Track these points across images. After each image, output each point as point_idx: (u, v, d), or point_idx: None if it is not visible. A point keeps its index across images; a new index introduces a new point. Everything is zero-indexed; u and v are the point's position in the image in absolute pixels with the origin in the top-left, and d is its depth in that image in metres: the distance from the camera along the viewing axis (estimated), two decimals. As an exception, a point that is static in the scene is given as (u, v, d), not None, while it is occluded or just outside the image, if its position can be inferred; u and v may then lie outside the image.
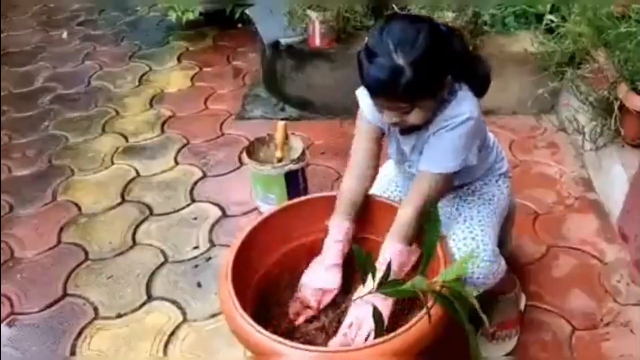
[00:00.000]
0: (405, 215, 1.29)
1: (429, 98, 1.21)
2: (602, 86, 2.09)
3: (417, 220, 1.28)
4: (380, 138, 1.42)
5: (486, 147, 1.46)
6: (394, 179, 1.60)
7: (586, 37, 2.26)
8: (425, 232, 1.27)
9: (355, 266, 1.26)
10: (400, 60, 1.12)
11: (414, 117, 1.23)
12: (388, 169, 1.61)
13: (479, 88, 1.31)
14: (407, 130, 1.34)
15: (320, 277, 1.34)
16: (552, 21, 2.54)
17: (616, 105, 2.02)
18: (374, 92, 1.21)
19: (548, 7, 2.58)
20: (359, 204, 1.40)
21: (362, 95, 1.35)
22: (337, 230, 1.36)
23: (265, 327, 1.17)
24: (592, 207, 2.15)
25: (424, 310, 1.13)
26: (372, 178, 1.43)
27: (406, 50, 1.12)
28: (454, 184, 1.43)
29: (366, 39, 1.20)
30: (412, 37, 1.13)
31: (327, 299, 1.34)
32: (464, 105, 1.26)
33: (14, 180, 2.57)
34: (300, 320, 1.33)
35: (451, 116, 1.25)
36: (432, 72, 1.16)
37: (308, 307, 1.33)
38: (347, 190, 1.40)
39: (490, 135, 1.51)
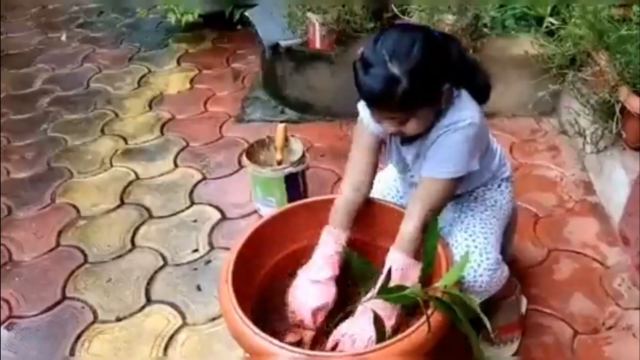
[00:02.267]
0: (409, 227, 1.26)
1: (426, 107, 1.20)
2: (603, 89, 2.09)
3: (422, 231, 1.26)
4: (378, 148, 1.40)
5: (489, 153, 1.44)
6: (394, 184, 1.58)
7: (587, 40, 2.26)
8: (425, 239, 1.26)
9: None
10: (395, 70, 1.11)
11: (412, 127, 1.22)
12: (388, 174, 1.60)
13: (480, 95, 1.30)
14: (408, 139, 1.32)
15: (311, 295, 1.30)
16: (552, 24, 2.54)
17: (617, 108, 2.02)
18: (370, 103, 1.20)
19: (548, 9, 2.58)
20: (353, 215, 1.39)
21: (363, 104, 1.34)
22: (330, 241, 1.34)
23: (266, 331, 1.16)
24: (593, 210, 2.15)
25: (424, 318, 1.13)
26: (369, 188, 1.41)
27: (401, 60, 1.11)
28: (457, 192, 1.41)
29: (361, 49, 1.18)
30: (407, 46, 1.12)
31: (322, 315, 1.31)
32: (465, 111, 1.24)
33: (12, 182, 2.56)
34: (306, 340, 1.29)
35: (453, 122, 1.23)
36: (428, 81, 1.15)
37: (306, 328, 1.30)
38: (344, 200, 1.38)
39: (493, 140, 1.49)
